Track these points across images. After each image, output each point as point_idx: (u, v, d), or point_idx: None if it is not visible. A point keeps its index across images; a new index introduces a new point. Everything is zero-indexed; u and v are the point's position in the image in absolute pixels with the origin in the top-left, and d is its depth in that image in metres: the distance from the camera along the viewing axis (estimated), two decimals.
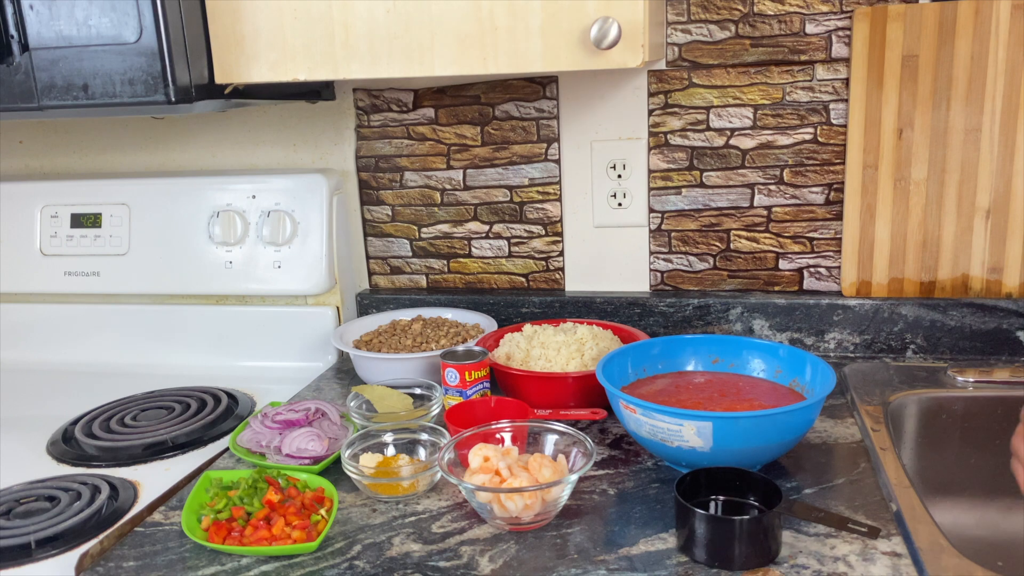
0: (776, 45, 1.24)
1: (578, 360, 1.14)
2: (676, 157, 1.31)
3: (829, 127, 1.25)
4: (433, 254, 1.44)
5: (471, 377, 1.11)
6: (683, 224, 1.33)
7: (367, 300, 1.46)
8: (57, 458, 1.10)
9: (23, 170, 1.57)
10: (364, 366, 1.26)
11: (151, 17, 0.99)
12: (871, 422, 1.05)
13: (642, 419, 0.93)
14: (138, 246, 1.43)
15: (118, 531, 0.92)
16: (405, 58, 1.02)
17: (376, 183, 1.43)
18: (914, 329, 1.25)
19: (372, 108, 1.39)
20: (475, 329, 1.31)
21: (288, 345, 1.42)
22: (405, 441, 1.03)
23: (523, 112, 1.34)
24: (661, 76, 1.28)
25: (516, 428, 0.97)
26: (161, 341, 1.46)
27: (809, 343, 1.30)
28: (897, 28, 1.17)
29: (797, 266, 1.32)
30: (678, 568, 0.79)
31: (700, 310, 1.32)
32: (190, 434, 1.14)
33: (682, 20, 1.25)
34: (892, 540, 0.81)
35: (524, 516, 0.85)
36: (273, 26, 1.04)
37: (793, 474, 0.95)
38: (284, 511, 0.87)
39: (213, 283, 1.41)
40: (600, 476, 0.97)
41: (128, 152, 1.51)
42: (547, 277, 1.41)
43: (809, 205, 1.29)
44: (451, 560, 0.82)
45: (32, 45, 1.03)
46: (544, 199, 1.37)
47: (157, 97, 1.02)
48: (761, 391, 1.06)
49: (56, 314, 1.50)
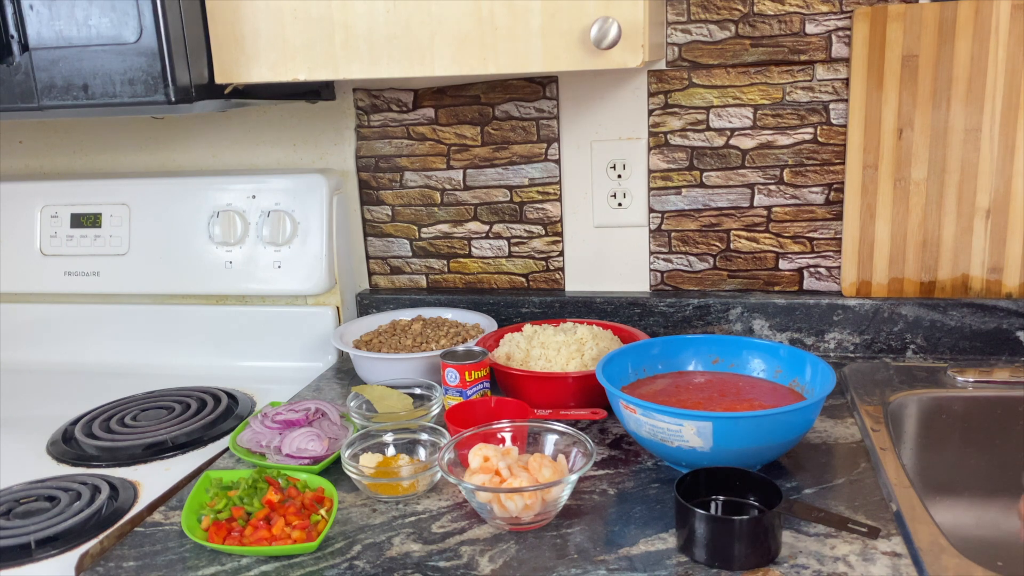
0: (776, 45, 1.24)
1: (578, 360, 1.14)
2: (676, 157, 1.31)
3: (829, 127, 1.25)
4: (433, 254, 1.44)
5: (471, 377, 1.11)
6: (683, 224, 1.33)
7: (367, 300, 1.46)
8: (57, 458, 1.10)
9: (23, 170, 1.57)
10: (364, 366, 1.26)
11: (151, 17, 0.99)
12: (871, 422, 1.05)
13: (642, 419, 0.93)
14: (138, 246, 1.43)
15: (118, 531, 0.92)
16: (405, 58, 1.02)
17: (376, 183, 1.43)
18: (914, 329, 1.25)
19: (372, 108, 1.39)
20: (475, 329, 1.31)
21: (288, 345, 1.42)
22: (405, 441, 1.03)
23: (523, 112, 1.34)
24: (661, 76, 1.28)
25: (516, 428, 0.97)
26: (161, 341, 1.46)
27: (809, 343, 1.30)
28: (897, 28, 1.17)
29: (797, 266, 1.32)
30: (678, 568, 0.79)
31: (700, 310, 1.32)
32: (190, 434, 1.14)
33: (682, 20, 1.25)
34: (892, 540, 0.81)
35: (524, 516, 0.85)
36: (273, 26, 1.04)
37: (793, 474, 0.95)
38: (284, 511, 0.87)
39: (213, 283, 1.41)
40: (600, 476, 0.97)
41: (128, 152, 1.51)
42: (547, 277, 1.41)
43: (809, 205, 1.29)
44: (451, 560, 0.82)
45: (32, 45, 1.03)
46: (544, 199, 1.37)
47: (157, 97, 1.02)
48: (761, 391, 1.06)
49: (56, 314, 1.50)
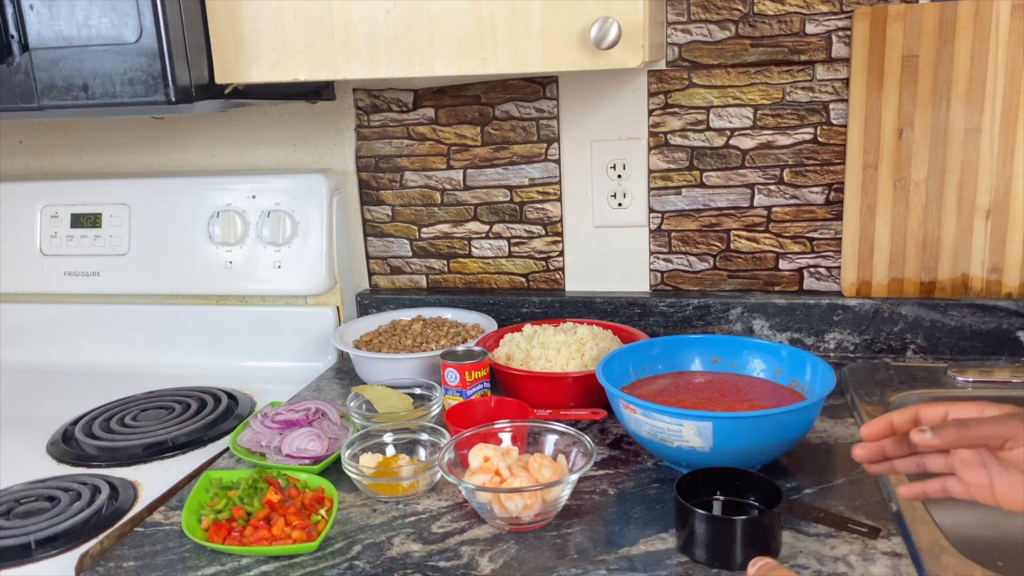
0: (776, 45, 1.24)
1: (578, 360, 1.14)
2: (676, 157, 1.31)
3: (829, 127, 1.25)
4: (433, 254, 1.44)
5: (471, 377, 1.11)
6: (683, 224, 1.33)
7: (367, 300, 1.45)
8: (57, 458, 1.10)
9: (23, 170, 1.56)
10: (364, 366, 1.26)
11: (151, 17, 0.99)
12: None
13: (642, 419, 0.93)
14: (138, 246, 1.43)
15: (118, 531, 0.92)
16: (405, 58, 1.02)
17: (376, 183, 1.43)
18: (914, 329, 1.25)
19: (372, 108, 1.39)
20: (475, 329, 1.31)
21: (288, 345, 1.42)
22: (405, 441, 1.03)
23: (523, 112, 1.34)
24: (661, 76, 1.28)
25: (516, 428, 0.97)
26: (161, 341, 1.46)
27: (809, 343, 1.30)
28: (897, 28, 1.17)
29: (797, 266, 1.32)
30: (678, 568, 0.79)
31: (700, 310, 1.32)
32: (190, 434, 1.14)
33: (682, 20, 1.25)
34: (892, 540, 0.81)
35: (524, 516, 0.85)
36: (273, 26, 1.04)
37: (793, 474, 0.95)
38: (284, 511, 0.87)
39: (213, 283, 1.41)
40: (600, 476, 0.97)
41: (128, 152, 1.51)
42: (547, 277, 1.41)
43: (809, 205, 1.29)
44: (451, 560, 0.82)
45: (32, 45, 1.03)
46: (544, 199, 1.37)
47: (157, 97, 1.02)
48: (761, 391, 1.06)
49: (56, 314, 1.50)
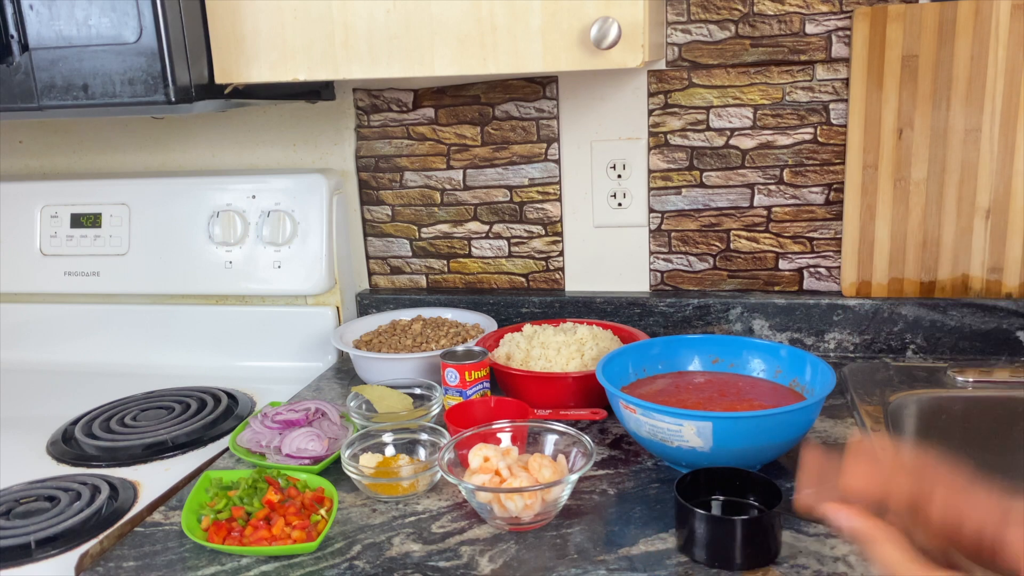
0: (776, 45, 1.24)
1: (578, 360, 1.14)
2: (676, 157, 1.31)
3: (829, 127, 1.25)
4: (433, 254, 1.44)
5: (471, 377, 1.11)
6: (683, 224, 1.33)
7: (367, 300, 1.45)
8: (57, 458, 1.10)
9: (23, 170, 1.56)
10: (364, 366, 1.26)
11: (151, 17, 0.99)
12: (871, 422, 1.05)
13: (642, 419, 0.93)
14: (138, 246, 1.43)
15: (118, 531, 0.92)
16: (405, 58, 1.02)
17: (376, 183, 1.43)
18: (914, 329, 1.25)
19: (372, 108, 1.39)
20: (475, 329, 1.31)
21: (288, 345, 1.42)
22: (405, 441, 1.03)
23: (523, 112, 1.34)
24: (661, 76, 1.28)
25: (516, 428, 0.97)
26: (161, 341, 1.46)
27: (809, 343, 1.30)
28: (897, 28, 1.17)
29: (797, 266, 1.32)
30: (678, 568, 0.79)
31: (700, 310, 1.32)
32: (190, 434, 1.14)
33: (682, 20, 1.25)
34: None
35: (524, 516, 0.85)
36: (273, 26, 1.04)
37: (793, 474, 0.95)
38: (284, 511, 0.87)
39: (213, 283, 1.41)
40: (600, 476, 0.97)
41: (128, 152, 1.51)
42: (547, 277, 1.41)
43: (809, 205, 1.29)
44: (451, 560, 0.82)
45: (32, 45, 1.03)
46: (544, 199, 1.37)
47: (157, 97, 1.02)
48: (761, 391, 1.06)
49: (56, 314, 1.50)
